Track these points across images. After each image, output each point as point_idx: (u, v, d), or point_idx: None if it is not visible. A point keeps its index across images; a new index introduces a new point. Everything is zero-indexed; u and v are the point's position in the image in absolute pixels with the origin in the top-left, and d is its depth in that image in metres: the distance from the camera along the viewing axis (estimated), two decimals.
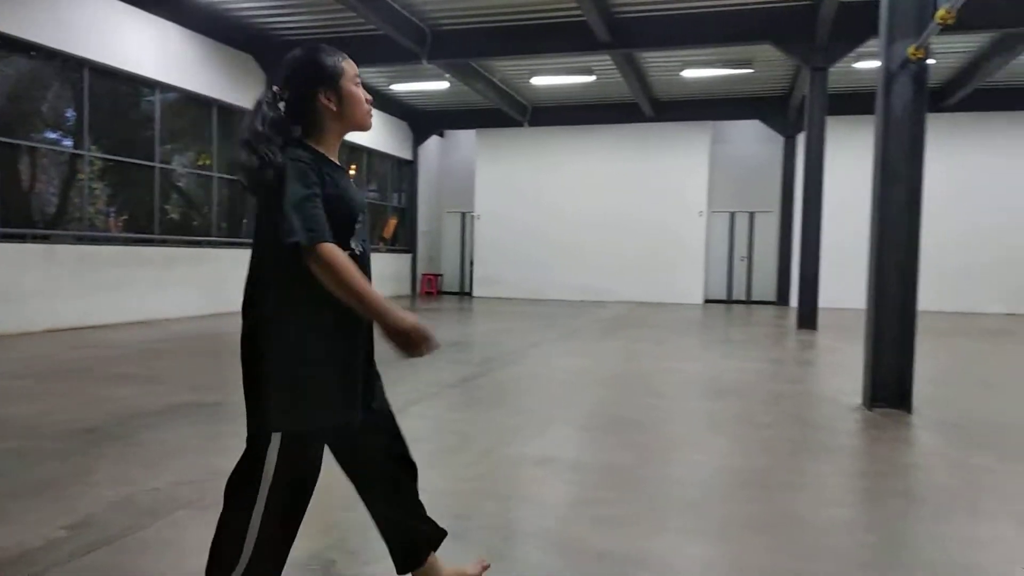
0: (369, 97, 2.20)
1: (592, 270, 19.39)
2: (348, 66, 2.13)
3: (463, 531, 3.17)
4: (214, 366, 7.48)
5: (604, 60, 14.40)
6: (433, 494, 3.60)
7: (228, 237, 13.68)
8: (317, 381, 1.97)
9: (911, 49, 5.39)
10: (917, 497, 3.86)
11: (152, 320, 11.35)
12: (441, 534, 2.44)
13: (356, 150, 18.15)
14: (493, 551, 2.88)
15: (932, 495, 3.88)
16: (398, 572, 2.38)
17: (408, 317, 1.91)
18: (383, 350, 2.10)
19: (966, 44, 13.65)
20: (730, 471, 4.14)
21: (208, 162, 13.29)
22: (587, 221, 19.42)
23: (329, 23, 13.17)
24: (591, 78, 15.92)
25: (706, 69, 15.08)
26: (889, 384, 5.74)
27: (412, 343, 1.91)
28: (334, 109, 2.09)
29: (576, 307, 16.82)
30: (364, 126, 2.20)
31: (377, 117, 18.44)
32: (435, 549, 2.42)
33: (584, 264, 19.43)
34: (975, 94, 15.73)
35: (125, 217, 11.97)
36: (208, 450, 4.24)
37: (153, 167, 11.77)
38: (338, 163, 2.15)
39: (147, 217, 11.86)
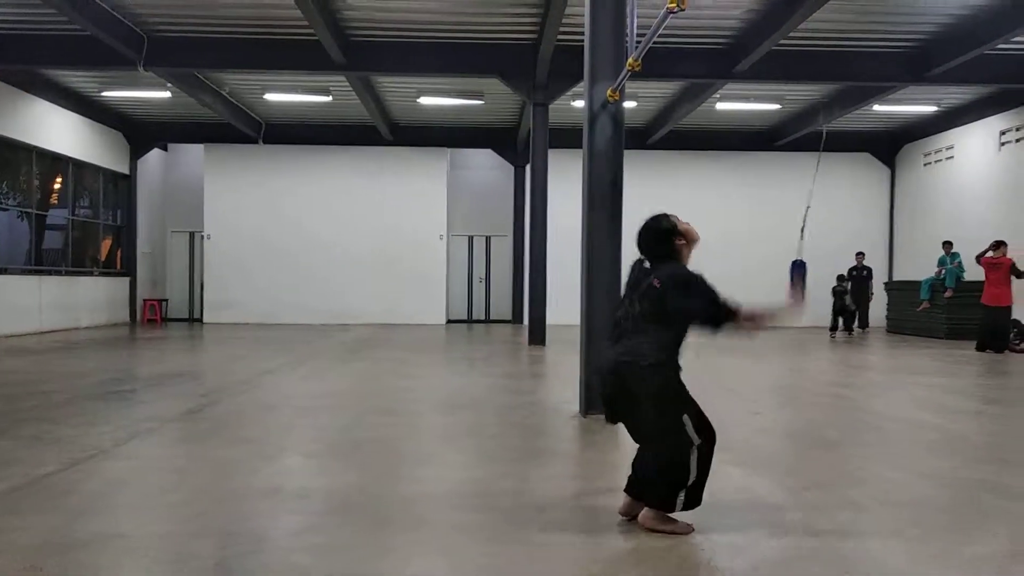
0: None
1: (334, 293, 19.02)
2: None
3: (176, 574, 2.94)
4: None
5: (341, 81, 14.31)
6: (142, 538, 3.30)
7: None
8: None
9: (609, 91, 6.07)
10: (616, 491, 4.29)
11: None
12: None
13: (59, 160, 16.12)
14: None
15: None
16: None
17: None
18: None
19: (662, 90, 15.59)
20: (456, 482, 4.29)
21: None
22: (328, 242, 19.04)
23: (29, 18, 11.62)
24: (328, 98, 15.72)
25: (441, 98, 15.61)
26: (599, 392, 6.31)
27: None
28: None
29: (317, 331, 16.39)
30: None
31: (86, 125, 16.78)
32: None
33: (325, 287, 19.00)
34: (671, 135, 18.01)
35: None
36: None
37: None
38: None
39: None
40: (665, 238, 3.75)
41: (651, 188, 18.58)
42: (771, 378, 9.47)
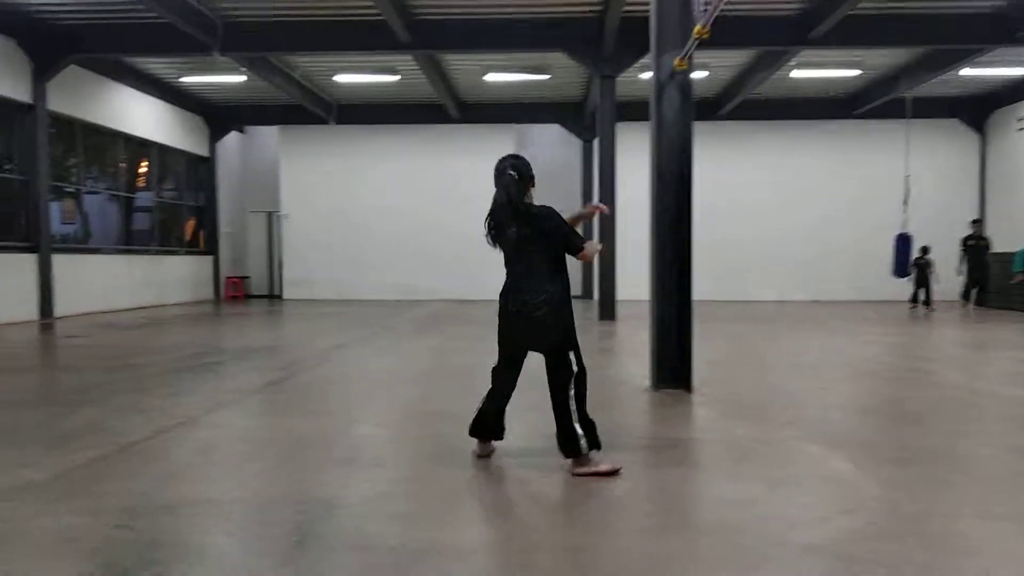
0: None
1: (407, 269, 19.34)
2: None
3: (255, 539, 3.07)
4: None
5: (408, 60, 14.42)
6: (226, 503, 3.46)
7: None
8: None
9: (676, 61, 5.93)
10: (691, 467, 4.26)
11: None
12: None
13: (145, 145, 16.83)
14: (284, 557, 2.82)
15: (703, 464, 4.30)
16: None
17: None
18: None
19: (733, 59, 15.14)
20: (528, 455, 4.32)
21: None
22: (399, 220, 19.34)
23: (105, 9, 12.11)
24: (396, 78, 15.87)
25: (507, 74, 15.56)
26: (671, 367, 6.25)
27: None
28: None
29: (392, 307, 16.72)
30: None
31: (169, 110, 17.40)
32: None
33: (398, 263, 19.34)
34: (743, 105, 17.49)
35: None
36: None
37: None
38: None
39: None
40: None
41: (723, 160, 18.29)
42: (850, 352, 9.17)
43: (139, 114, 16.30)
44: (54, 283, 13.18)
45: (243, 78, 15.74)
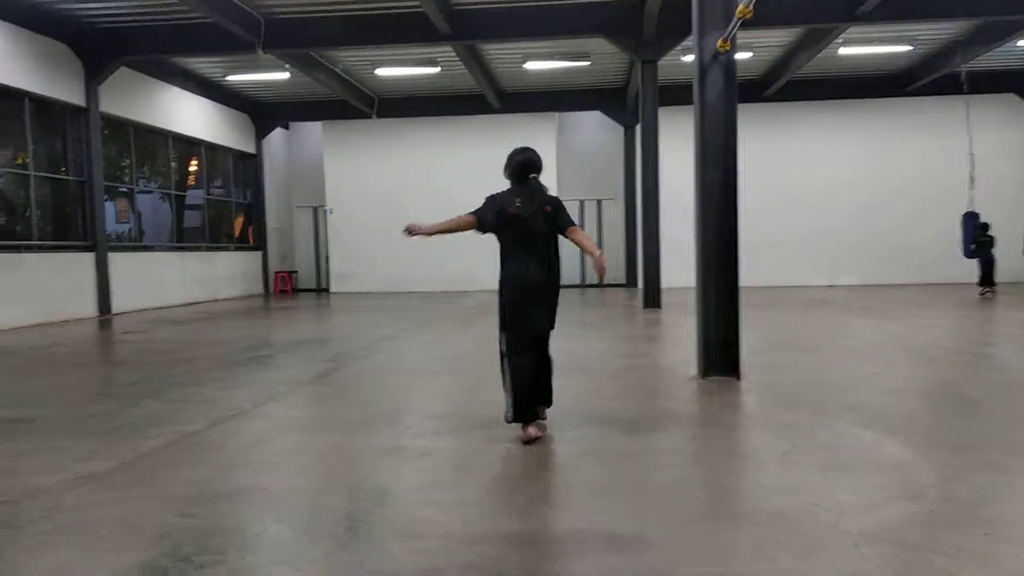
0: None
1: (452, 260, 19.41)
2: None
3: (308, 526, 3.14)
4: (34, 381, 6.90)
5: (447, 52, 14.46)
6: (280, 491, 3.55)
7: (52, 240, 12.61)
8: None
9: (720, 41, 5.83)
10: (740, 454, 4.22)
11: None
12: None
13: (194, 143, 17.21)
14: (337, 543, 2.88)
15: (752, 452, 4.26)
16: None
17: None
18: None
19: (778, 39, 14.81)
20: (575, 444, 4.33)
21: (25, 160, 12.17)
22: (443, 211, 19.28)
23: (152, 10, 12.40)
24: (436, 70, 15.93)
25: (547, 61, 15.49)
26: (719, 354, 6.18)
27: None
28: None
29: (437, 298, 16.85)
30: None
31: (215, 109, 17.74)
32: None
33: (443, 255, 19.41)
34: (789, 86, 17.12)
35: None
36: (22, 469, 3.93)
37: None
38: None
39: None
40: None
41: (769, 142, 17.95)
42: (905, 336, 8.94)
43: (187, 113, 16.67)
44: (111, 280, 13.61)
45: (286, 75, 15.97)
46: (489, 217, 4.44)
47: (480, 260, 19.27)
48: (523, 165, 4.54)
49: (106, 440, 4.52)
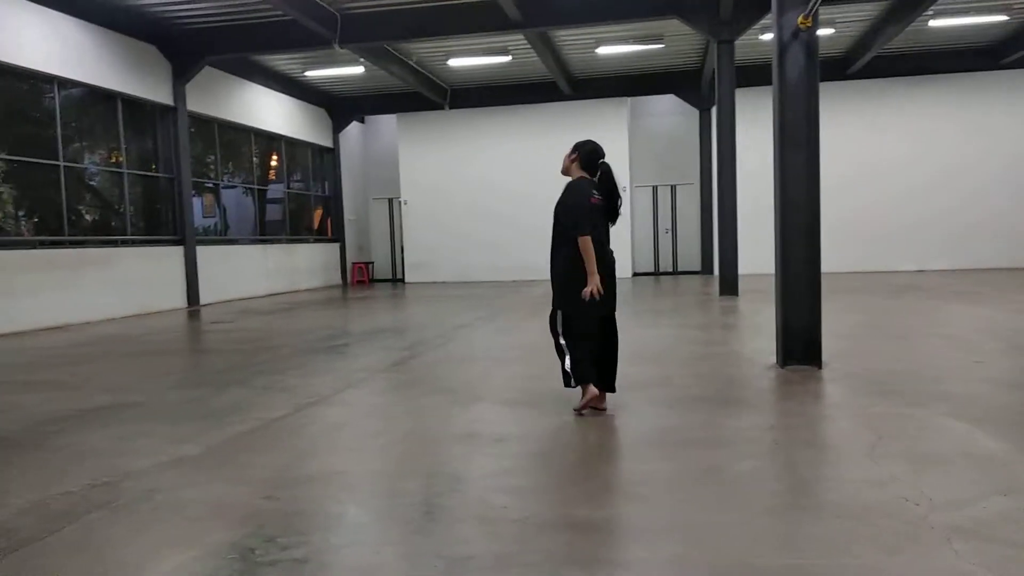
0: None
1: (522, 250, 19.43)
2: None
3: (386, 509, 3.21)
4: (130, 369, 7.28)
5: (519, 40, 14.43)
6: (359, 475, 3.64)
7: (144, 235, 13.25)
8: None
9: (800, 18, 5.62)
10: (822, 445, 4.09)
11: (68, 324, 10.93)
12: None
13: (274, 139, 17.75)
14: (414, 527, 2.94)
15: (836, 443, 4.12)
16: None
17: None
18: None
19: (863, 13, 14.19)
20: (649, 432, 4.29)
21: (119, 159, 12.81)
22: (514, 201, 19.47)
23: (234, 10, 12.81)
24: (507, 58, 15.93)
25: (619, 46, 15.28)
26: (799, 342, 6.00)
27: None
28: None
29: (509, 287, 16.93)
30: None
31: (294, 105, 18.22)
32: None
33: (514, 244, 19.48)
34: (874, 62, 16.39)
35: (35, 220, 11.48)
36: (121, 452, 4.15)
37: (58, 165, 11.27)
38: None
39: (57, 218, 11.38)
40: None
41: (853, 122, 17.27)
42: (999, 323, 8.47)
43: (267, 110, 17.20)
44: (199, 273, 14.21)
45: (361, 69, 16.27)
46: (588, 225, 4.59)
47: (545, 250, 19.31)
48: (597, 153, 4.85)
49: (196, 425, 4.73)
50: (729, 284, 12.80)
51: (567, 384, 4.65)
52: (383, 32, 13.49)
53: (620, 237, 19.02)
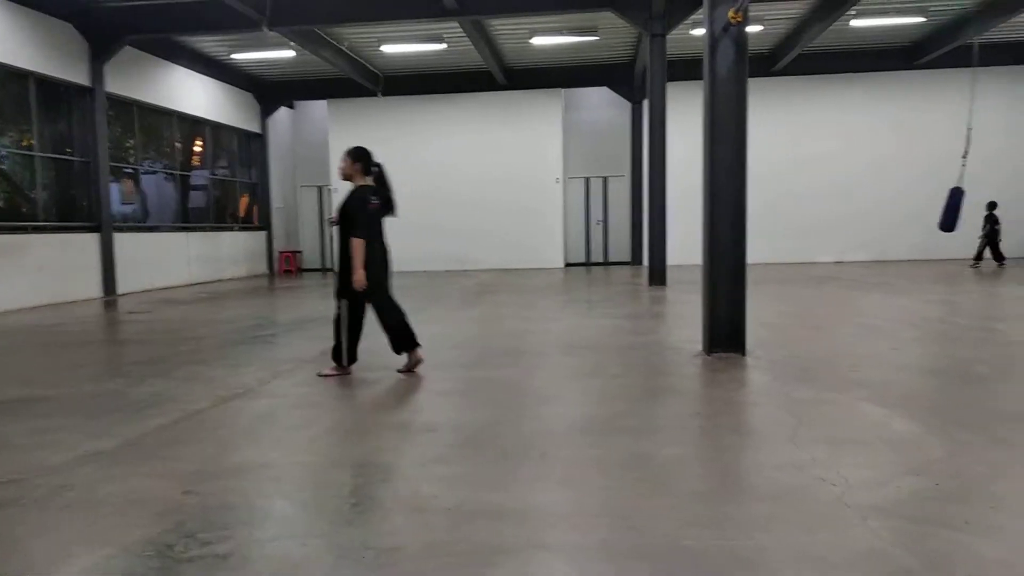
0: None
1: (455, 239, 19.41)
2: None
3: (314, 501, 3.14)
4: (43, 360, 6.93)
5: (454, 28, 14.32)
6: (285, 467, 3.55)
7: (57, 221, 12.61)
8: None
9: (731, 12, 5.73)
10: (746, 431, 4.19)
11: None
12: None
13: (198, 123, 17.15)
14: (342, 518, 2.88)
15: (759, 428, 4.23)
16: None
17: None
18: None
19: (789, 10, 14.60)
20: (578, 419, 4.32)
21: (30, 141, 12.14)
22: (447, 190, 19.37)
23: None
24: (442, 46, 15.79)
25: (554, 36, 15.34)
26: (724, 330, 6.16)
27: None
28: None
29: (440, 277, 16.83)
30: None
31: (220, 88, 17.65)
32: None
33: (446, 234, 19.40)
34: (799, 59, 16.91)
35: None
36: (33, 446, 3.95)
37: None
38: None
39: None
40: None
41: (778, 117, 17.78)
42: (913, 312, 8.88)
43: (192, 93, 16.60)
44: (116, 261, 13.62)
45: (292, 53, 15.86)
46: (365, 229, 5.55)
47: (480, 241, 19.32)
48: (369, 157, 5.84)
49: (113, 418, 4.53)
50: (658, 274, 13.04)
51: (338, 360, 5.66)
52: (314, 16, 13.18)
53: (552, 228, 19.39)
